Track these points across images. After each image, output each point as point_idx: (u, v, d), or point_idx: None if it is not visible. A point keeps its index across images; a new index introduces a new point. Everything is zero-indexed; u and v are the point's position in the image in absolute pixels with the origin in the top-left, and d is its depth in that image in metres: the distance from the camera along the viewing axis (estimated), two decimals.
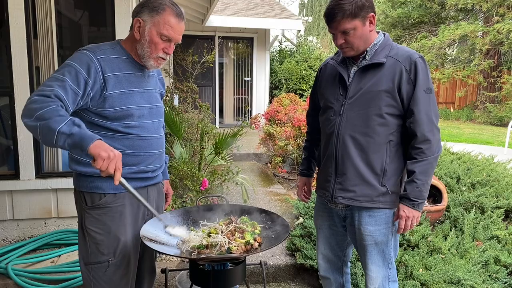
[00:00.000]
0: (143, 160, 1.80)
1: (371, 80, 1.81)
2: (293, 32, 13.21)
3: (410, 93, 1.77)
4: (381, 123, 1.80)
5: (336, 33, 1.80)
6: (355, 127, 1.83)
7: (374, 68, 1.82)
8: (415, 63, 1.77)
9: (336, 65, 1.94)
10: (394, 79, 1.77)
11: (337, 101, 1.90)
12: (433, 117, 1.79)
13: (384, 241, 1.91)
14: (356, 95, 1.84)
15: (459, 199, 3.89)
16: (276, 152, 6.05)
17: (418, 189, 1.78)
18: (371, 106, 1.80)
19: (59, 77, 1.59)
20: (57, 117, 1.46)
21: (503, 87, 13.00)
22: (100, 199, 1.75)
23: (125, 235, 1.80)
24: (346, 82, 1.87)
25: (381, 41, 1.86)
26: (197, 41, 9.93)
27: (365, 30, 1.79)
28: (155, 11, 1.69)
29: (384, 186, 1.85)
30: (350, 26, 1.75)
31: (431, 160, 1.78)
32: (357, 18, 1.75)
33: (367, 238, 1.91)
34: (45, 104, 1.49)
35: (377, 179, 1.85)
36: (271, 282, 3.15)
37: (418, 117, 1.76)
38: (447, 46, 13.87)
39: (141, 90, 1.79)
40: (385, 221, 1.90)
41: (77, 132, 1.44)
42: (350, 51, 1.83)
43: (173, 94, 5.09)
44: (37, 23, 3.27)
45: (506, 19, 12.24)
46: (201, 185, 3.55)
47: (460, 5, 13.33)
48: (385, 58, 1.80)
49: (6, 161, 3.58)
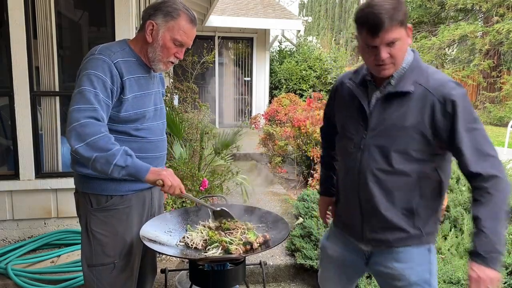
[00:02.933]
0: (150, 163, 1.78)
1: (396, 112, 1.50)
2: (293, 32, 13.21)
3: (448, 131, 1.44)
4: (409, 161, 1.50)
5: (380, 45, 1.42)
6: (378, 164, 1.53)
7: (400, 96, 1.50)
8: (452, 93, 1.43)
9: (354, 89, 1.61)
10: (424, 113, 1.46)
11: (357, 132, 1.59)
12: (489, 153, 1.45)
13: (419, 281, 1.58)
14: (378, 128, 1.53)
15: (458, 199, 3.89)
16: (276, 152, 6.05)
17: (487, 239, 1.38)
18: (396, 142, 1.50)
19: (91, 90, 1.57)
20: (110, 146, 1.51)
21: (502, 87, 13.00)
22: (107, 201, 1.74)
23: (131, 236, 1.80)
24: (365, 112, 1.56)
25: (410, 62, 1.52)
26: (197, 41, 9.75)
27: (407, 42, 1.47)
28: (170, 16, 1.67)
29: (418, 228, 1.57)
30: (398, 35, 1.41)
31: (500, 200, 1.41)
32: (403, 26, 1.42)
33: (400, 278, 1.59)
34: (96, 129, 1.52)
35: (409, 222, 1.56)
36: (271, 282, 3.15)
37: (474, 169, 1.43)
38: (446, 46, 13.87)
39: (149, 92, 1.78)
40: (418, 257, 1.59)
41: (131, 164, 1.52)
42: (391, 68, 1.47)
43: (173, 94, 5.09)
44: (37, 23, 3.27)
45: (505, 19, 12.25)
46: (201, 185, 3.55)
47: (460, 5, 13.33)
48: (413, 85, 1.48)
49: (6, 161, 3.58)
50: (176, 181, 1.58)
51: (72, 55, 3.64)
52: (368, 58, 1.49)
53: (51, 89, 3.35)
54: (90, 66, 1.62)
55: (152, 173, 1.55)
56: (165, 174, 1.55)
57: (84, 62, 1.66)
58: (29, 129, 3.28)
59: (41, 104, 3.37)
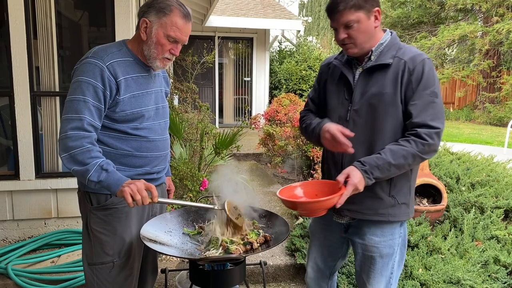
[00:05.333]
0: (150, 162, 1.80)
1: (377, 83, 1.67)
2: (293, 32, 13.20)
3: (411, 95, 1.63)
4: (387, 129, 1.66)
5: (338, 26, 1.66)
6: (361, 134, 1.68)
7: (380, 69, 1.68)
8: (421, 63, 1.63)
9: (340, 66, 1.79)
10: (397, 80, 1.64)
11: (342, 105, 1.76)
12: (434, 122, 1.61)
13: (389, 253, 1.79)
14: (361, 100, 1.70)
15: (458, 199, 3.89)
16: (276, 152, 6.05)
17: (376, 159, 1.60)
18: (377, 111, 1.66)
19: (80, 98, 1.60)
20: (87, 161, 1.56)
21: (502, 87, 13.00)
22: (106, 199, 1.75)
23: (130, 235, 1.80)
24: (351, 85, 1.73)
25: (388, 40, 1.72)
26: (197, 41, 9.92)
27: (369, 25, 1.65)
28: (163, 12, 1.66)
29: (393, 197, 1.72)
30: (354, 18, 1.61)
31: (410, 153, 1.59)
32: (361, 10, 1.62)
33: (371, 249, 1.79)
34: (78, 142, 1.58)
35: (384, 189, 1.71)
36: (271, 282, 3.15)
37: (416, 121, 1.61)
38: (446, 46, 13.86)
39: (149, 92, 1.78)
40: (392, 231, 1.78)
41: (104, 179, 1.56)
42: (353, 48, 1.68)
43: (173, 94, 5.09)
44: (37, 23, 3.27)
45: (505, 19, 12.23)
46: (201, 185, 3.55)
47: (460, 5, 13.33)
48: (392, 59, 1.66)
49: (6, 161, 3.58)
50: (140, 195, 1.53)
51: (72, 55, 3.64)
52: (335, 38, 1.72)
53: (51, 89, 3.36)
54: (81, 72, 1.64)
55: (120, 189, 1.54)
56: (125, 190, 1.52)
57: (78, 66, 1.68)
58: (29, 129, 3.28)
59: (41, 104, 3.37)
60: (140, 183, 1.55)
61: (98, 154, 1.60)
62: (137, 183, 1.55)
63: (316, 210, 1.60)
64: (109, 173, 1.56)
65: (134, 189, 1.53)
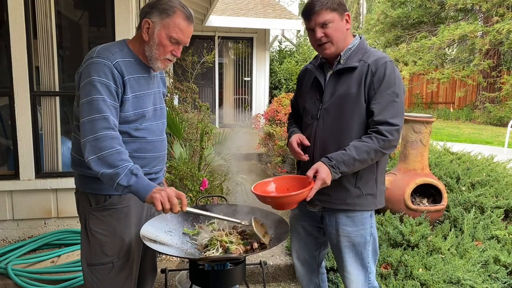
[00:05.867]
0: (149, 163, 1.80)
1: (344, 84, 1.82)
2: (293, 32, 13.22)
3: (373, 95, 1.77)
4: (353, 127, 1.81)
5: (314, 27, 1.80)
6: (330, 131, 1.85)
7: (347, 72, 1.83)
8: (383, 66, 1.77)
9: (313, 69, 1.96)
10: (361, 81, 1.78)
11: (314, 105, 1.92)
12: (394, 119, 1.74)
13: (362, 242, 1.91)
14: (330, 99, 1.85)
15: (458, 199, 3.89)
16: (276, 152, 6.05)
17: (341, 155, 1.72)
18: (344, 110, 1.81)
19: (99, 98, 1.58)
20: (118, 163, 1.52)
21: (502, 87, 13.00)
22: (105, 200, 1.74)
23: (130, 236, 1.80)
24: (322, 86, 1.90)
25: (356, 45, 1.87)
26: (197, 41, 9.92)
27: (343, 26, 1.82)
28: (166, 13, 1.66)
29: (359, 189, 1.85)
30: (329, 18, 1.77)
31: (373, 149, 1.72)
32: (335, 12, 1.78)
33: (344, 239, 1.91)
34: (109, 143, 1.54)
35: (350, 181, 1.84)
36: (271, 282, 3.15)
37: (378, 119, 1.74)
38: (446, 46, 13.86)
39: (149, 92, 1.78)
40: (362, 222, 1.90)
41: (134, 183, 1.52)
42: (331, 46, 1.82)
43: (173, 94, 5.09)
44: (37, 23, 3.27)
45: (505, 19, 12.23)
46: (201, 185, 3.55)
47: (460, 5, 13.32)
48: (358, 62, 1.81)
49: (6, 161, 3.58)
50: (169, 204, 1.52)
51: (72, 55, 3.64)
52: (311, 41, 1.86)
53: (51, 89, 3.36)
54: (92, 72, 1.61)
55: (150, 195, 1.52)
56: (156, 197, 1.51)
57: (84, 66, 1.65)
58: (29, 129, 3.28)
59: (41, 104, 3.37)
60: (171, 191, 1.54)
61: (127, 157, 1.57)
62: (168, 190, 1.54)
63: (287, 203, 1.72)
64: (139, 178, 1.53)
65: (165, 196, 1.51)
